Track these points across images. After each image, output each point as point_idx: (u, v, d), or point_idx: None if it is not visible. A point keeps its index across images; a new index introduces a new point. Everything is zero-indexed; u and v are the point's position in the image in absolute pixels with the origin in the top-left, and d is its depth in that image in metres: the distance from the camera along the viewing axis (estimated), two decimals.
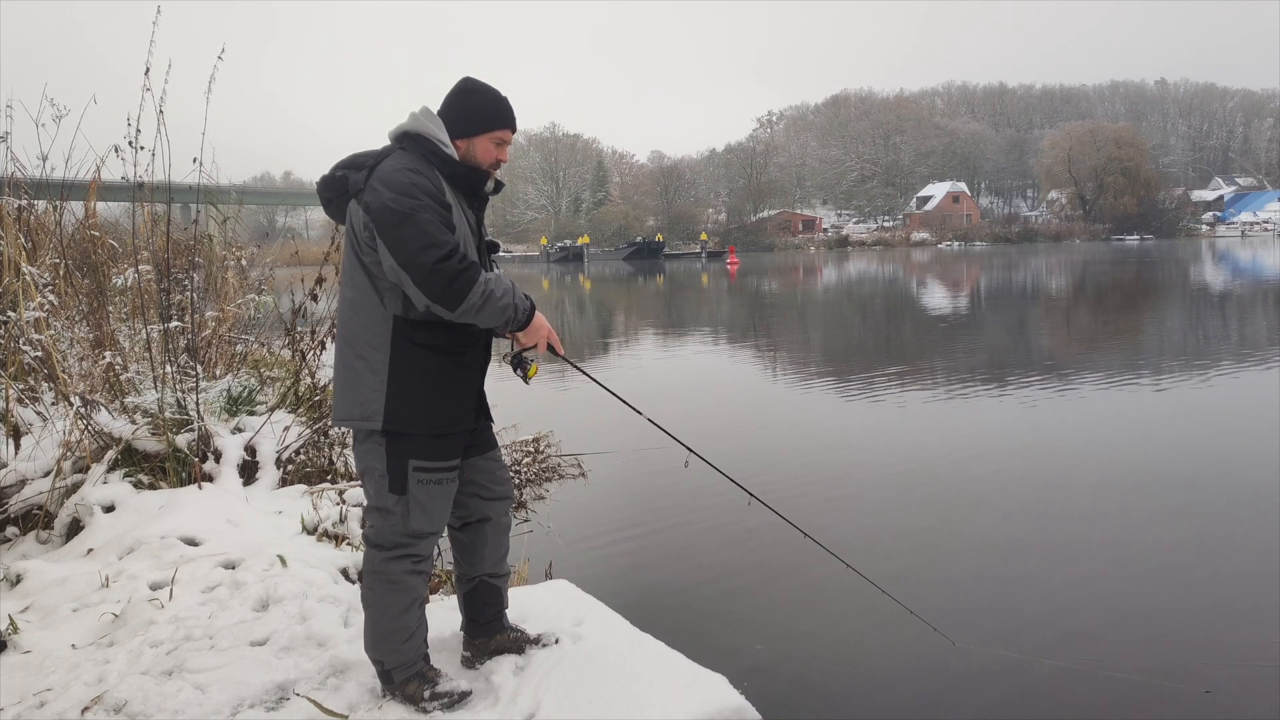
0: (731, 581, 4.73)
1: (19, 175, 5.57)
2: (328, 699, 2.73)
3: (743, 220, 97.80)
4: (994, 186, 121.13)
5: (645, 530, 5.59)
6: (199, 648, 3.09)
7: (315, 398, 5.71)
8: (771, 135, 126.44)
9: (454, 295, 2.40)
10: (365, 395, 2.54)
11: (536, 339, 2.68)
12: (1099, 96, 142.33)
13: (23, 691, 2.86)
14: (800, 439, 7.95)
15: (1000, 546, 5.09)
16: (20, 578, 3.77)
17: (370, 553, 2.65)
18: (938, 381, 10.76)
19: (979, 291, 28.16)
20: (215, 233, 7.14)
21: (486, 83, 2.70)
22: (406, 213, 2.39)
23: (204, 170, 5.21)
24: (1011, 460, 6.92)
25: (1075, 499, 5.86)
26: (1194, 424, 7.94)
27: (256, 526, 4.30)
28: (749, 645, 3.96)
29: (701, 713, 2.61)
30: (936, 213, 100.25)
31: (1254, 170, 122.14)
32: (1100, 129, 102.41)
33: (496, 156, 2.67)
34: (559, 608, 3.29)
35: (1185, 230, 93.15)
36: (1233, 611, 4.15)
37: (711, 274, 46.00)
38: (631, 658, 2.90)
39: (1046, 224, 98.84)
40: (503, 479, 2.89)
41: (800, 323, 20.34)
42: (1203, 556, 4.82)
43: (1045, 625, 4.06)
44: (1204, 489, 5.98)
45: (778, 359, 13.94)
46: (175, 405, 4.86)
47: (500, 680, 2.76)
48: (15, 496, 4.46)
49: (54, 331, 5.17)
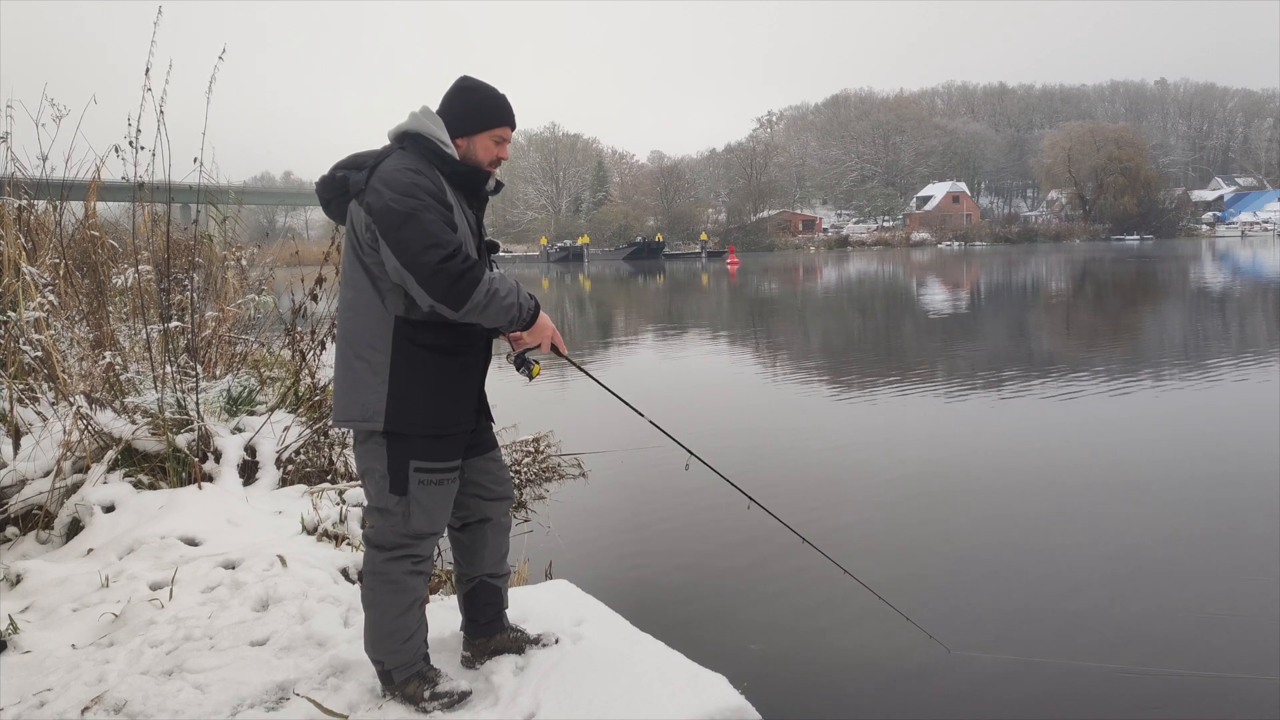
0: (731, 581, 4.73)
1: (19, 175, 5.57)
2: (328, 699, 2.73)
3: (743, 220, 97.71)
4: (994, 186, 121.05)
5: (645, 530, 5.59)
6: (199, 648, 3.09)
7: (315, 398, 5.71)
8: (771, 135, 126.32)
9: (458, 295, 2.40)
10: (366, 396, 2.54)
11: (540, 339, 2.68)
12: (1099, 96, 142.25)
13: (23, 691, 2.86)
14: (800, 440, 7.94)
15: (999, 551, 5.09)
16: (20, 578, 3.77)
17: (370, 553, 2.65)
18: (937, 383, 10.76)
19: (979, 292, 28.15)
20: (215, 233, 7.14)
21: (485, 81, 2.70)
22: (409, 213, 2.39)
23: (204, 170, 5.21)
24: (1011, 462, 6.92)
25: (1075, 502, 5.86)
26: (1194, 425, 7.94)
27: (256, 526, 4.30)
28: (749, 645, 3.96)
29: (701, 713, 2.61)
30: (936, 213, 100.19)
31: (1254, 170, 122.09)
32: (1100, 129, 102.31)
33: (496, 154, 2.67)
34: (559, 608, 3.29)
35: (1185, 230, 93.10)
36: (1236, 614, 4.15)
37: (711, 274, 45.98)
38: (631, 658, 2.90)
39: (1046, 224, 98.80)
40: (503, 479, 2.89)
41: (800, 323, 20.34)
42: (1205, 559, 4.82)
43: (1042, 630, 4.06)
44: (1207, 490, 5.98)
45: (778, 359, 13.94)
46: (175, 405, 4.86)
47: (500, 680, 2.76)
48: (15, 496, 4.46)
49: (54, 331, 5.17)
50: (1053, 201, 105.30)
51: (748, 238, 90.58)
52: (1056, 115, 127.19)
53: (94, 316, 5.62)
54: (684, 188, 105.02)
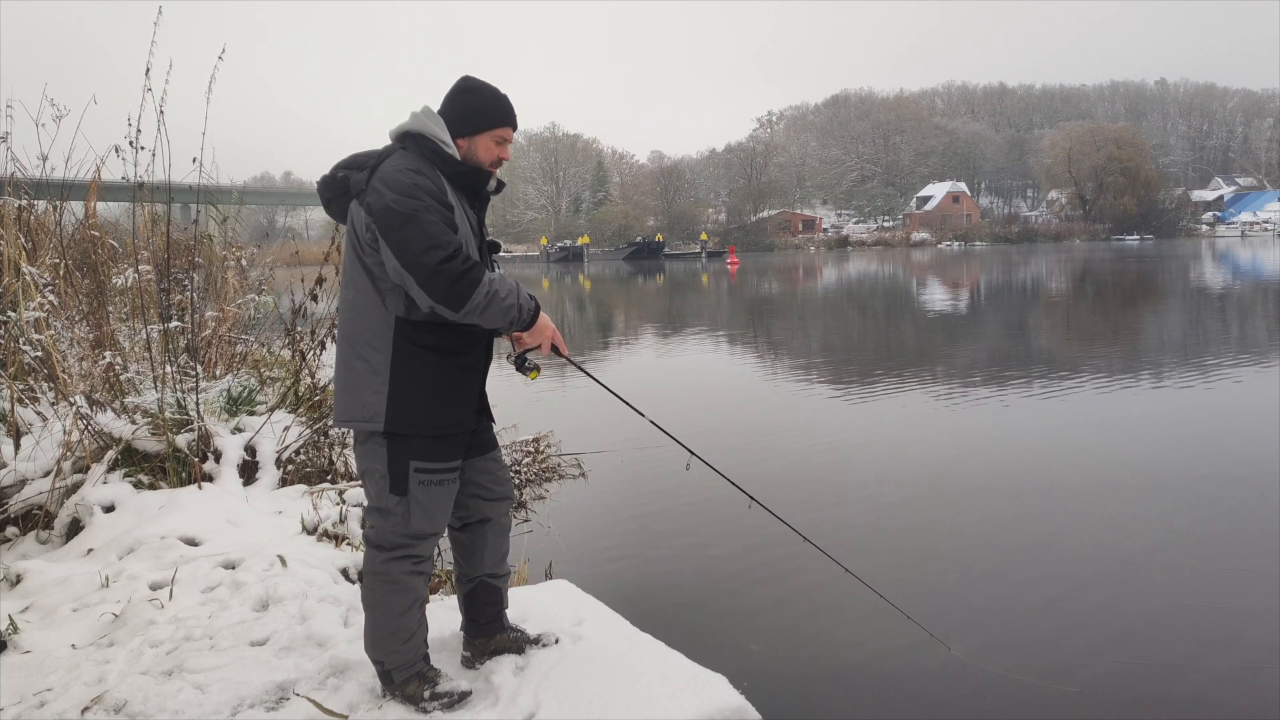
0: (731, 581, 4.73)
1: (19, 175, 5.57)
2: (328, 699, 2.73)
3: (743, 220, 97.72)
4: (994, 186, 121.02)
5: (645, 530, 5.59)
6: (199, 648, 3.09)
7: (315, 398, 5.71)
8: (771, 135, 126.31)
9: (458, 296, 2.40)
10: (366, 396, 2.54)
11: (541, 339, 2.68)
12: (1099, 96, 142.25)
13: (23, 691, 2.86)
14: (801, 440, 7.94)
15: (1000, 551, 5.09)
16: (20, 578, 3.77)
17: (371, 553, 2.65)
18: (938, 384, 10.76)
19: (979, 292, 28.15)
20: (215, 233, 7.14)
21: (486, 81, 2.70)
22: (409, 214, 2.39)
23: (204, 170, 5.21)
24: (1012, 462, 6.92)
25: (1077, 503, 5.85)
26: (1194, 424, 7.93)
27: (256, 526, 4.30)
28: (749, 645, 3.96)
29: (701, 713, 2.61)
30: (936, 213, 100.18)
31: (1254, 170, 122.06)
32: (1100, 129, 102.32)
33: (498, 154, 2.67)
34: (559, 608, 3.29)
35: (1185, 230, 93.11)
36: (1237, 613, 4.15)
37: (711, 274, 45.98)
38: (631, 658, 2.90)
39: (1046, 224, 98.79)
40: (503, 479, 2.89)
41: (800, 323, 20.34)
42: (1207, 558, 4.82)
43: (1042, 634, 4.06)
44: (1209, 490, 5.98)
45: (778, 359, 13.94)
46: (175, 405, 4.86)
47: (500, 680, 2.76)
48: (15, 496, 4.45)
49: (54, 331, 5.17)
50: (1053, 201, 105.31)
51: (748, 238, 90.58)
52: (1056, 115, 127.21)
53: (94, 316, 5.62)
54: (684, 188, 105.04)
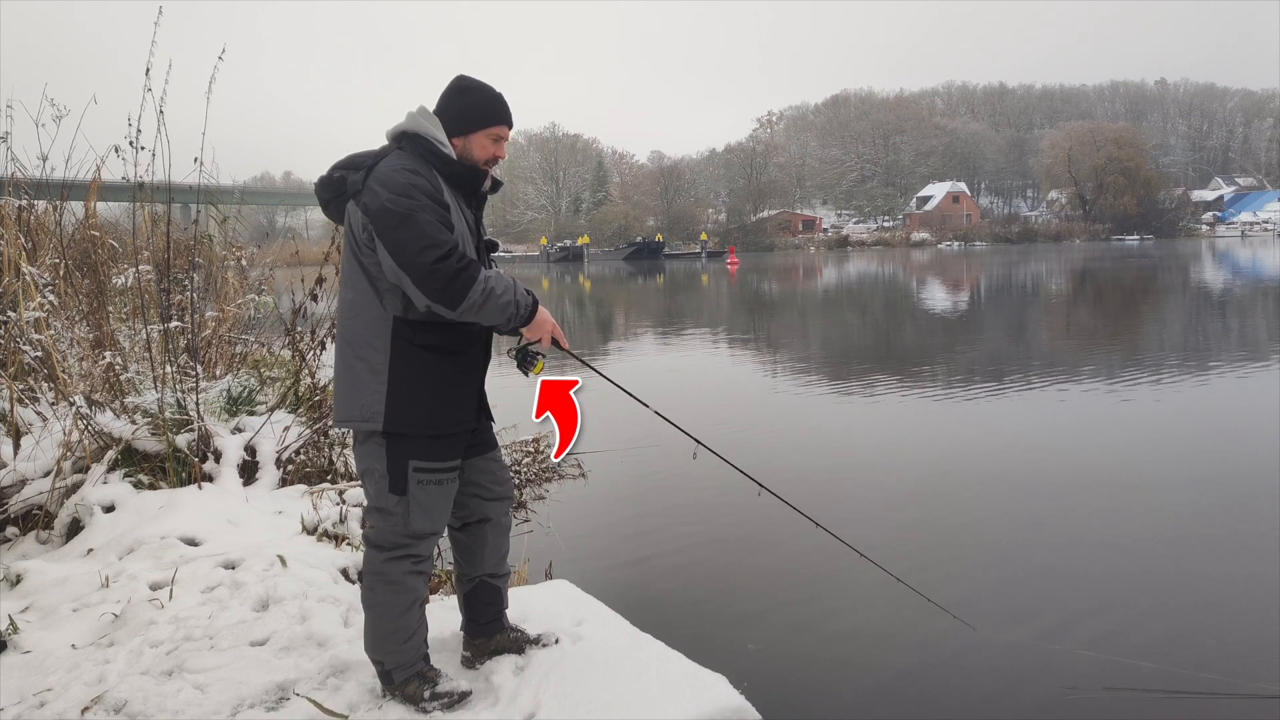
0: (731, 581, 4.73)
1: (19, 175, 5.57)
2: (328, 699, 2.73)
3: (743, 220, 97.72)
4: (994, 186, 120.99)
5: (645, 530, 5.58)
6: (199, 648, 3.09)
7: (315, 398, 5.71)
8: (771, 135, 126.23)
9: (454, 295, 2.40)
10: (366, 396, 2.54)
11: (541, 333, 2.67)
12: (1099, 96, 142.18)
13: (23, 691, 2.86)
14: (804, 435, 7.94)
15: (1012, 538, 5.11)
16: (20, 578, 3.77)
17: (370, 553, 2.65)
18: (942, 378, 10.76)
19: (979, 292, 28.15)
20: (215, 233, 7.14)
21: (481, 80, 2.70)
22: (405, 213, 2.39)
23: (204, 170, 5.21)
24: (1019, 457, 6.91)
25: (1078, 499, 5.84)
26: (1195, 424, 7.94)
27: (256, 526, 4.30)
28: (749, 645, 3.96)
29: (701, 713, 2.61)
30: (936, 213, 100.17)
31: (1254, 170, 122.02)
32: (1100, 129, 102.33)
33: (493, 153, 2.67)
34: (559, 608, 3.29)
35: (1185, 230, 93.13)
36: (1248, 603, 4.15)
37: (712, 274, 45.98)
38: (631, 658, 2.90)
39: (1046, 224, 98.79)
40: (503, 479, 2.89)
41: (801, 322, 20.34)
42: (1220, 551, 4.83)
43: (1057, 623, 4.05)
44: (1220, 485, 5.98)
45: (779, 357, 13.93)
46: (175, 405, 4.86)
47: (500, 680, 2.76)
48: (15, 496, 4.46)
49: (54, 331, 5.17)
50: (1053, 201, 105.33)
51: (748, 238, 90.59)
52: (1056, 115, 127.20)
53: (94, 316, 5.62)
54: (684, 188, 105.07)
